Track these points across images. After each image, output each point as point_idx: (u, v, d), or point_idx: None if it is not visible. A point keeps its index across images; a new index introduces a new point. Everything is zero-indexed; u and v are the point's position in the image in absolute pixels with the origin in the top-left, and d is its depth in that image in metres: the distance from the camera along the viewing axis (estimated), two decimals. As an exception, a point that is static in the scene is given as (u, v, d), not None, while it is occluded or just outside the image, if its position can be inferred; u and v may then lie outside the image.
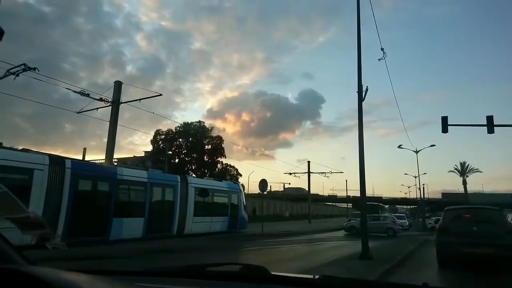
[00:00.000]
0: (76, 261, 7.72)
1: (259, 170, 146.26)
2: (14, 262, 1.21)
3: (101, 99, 17.44)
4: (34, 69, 15.21)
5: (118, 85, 18.24)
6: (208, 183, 20.39)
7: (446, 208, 11.36)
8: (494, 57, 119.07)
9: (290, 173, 43.20)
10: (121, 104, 18.52)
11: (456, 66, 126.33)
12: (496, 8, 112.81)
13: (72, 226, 12.41)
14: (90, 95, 16.90)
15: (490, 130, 19.89)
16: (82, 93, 16.51)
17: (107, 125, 18.19)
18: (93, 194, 14.13)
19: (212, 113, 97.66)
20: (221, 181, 22.57)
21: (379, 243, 15.78)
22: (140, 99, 18.50)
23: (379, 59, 13.44)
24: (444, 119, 20.91)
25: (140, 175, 16.06)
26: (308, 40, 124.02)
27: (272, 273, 1.66)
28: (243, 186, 28.87)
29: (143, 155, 44.01)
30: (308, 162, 42.24)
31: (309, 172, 41.54)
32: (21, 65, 15.15)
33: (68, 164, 13.01)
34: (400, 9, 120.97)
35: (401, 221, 30.52)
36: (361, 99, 11.16)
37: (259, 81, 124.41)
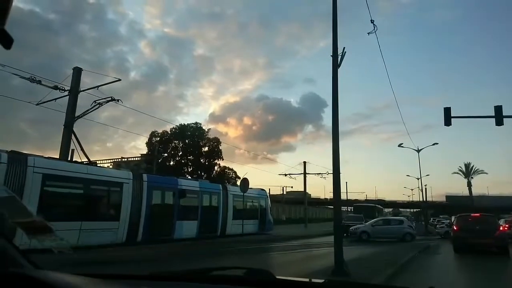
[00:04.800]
0: (84, 265, 7.30)
1: (261, 174, 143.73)
2: (20, 267, 1.21)
3: (56, 87, 14.95)
4: (118, 100, 16.87)
5: (77, 72, 15.80)
6: None
7: (459, 215, 17.63)
8: (497, 59, 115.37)
9: (285, 174, 40.56)
10: (123, 108, 16.29)
11: (458, 69, 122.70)
12: (495, 10, 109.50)
13: (150, 227, 14.88)
14: (42, 82, 14.34)
15: (499, 122, 17.38)
16: (32, 80, 14.01)
17: (111, 130, 16.52)
18: (163, 201, 16.68)
19: (214, 118, 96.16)
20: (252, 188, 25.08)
21: (370, 250, 13.20)
22: (98, 86, 16.19)
23: (368, 33, 11.14)
24: (447, 111, 18.42)
25: (194, 184, 18.60)
26: (310, 45, 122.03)
27: (277, 277, 1.63)
28: None
29: (139, 157, 41.41)
30: (304, 162, 39.92)
31: (305, 173, 38.79)
32: (108, 97, 16.68)
33: (145, 177, 15.53)
34: (401, 15, 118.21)
35: None
36: (336, 64, 8.56)
37: (261, 86, 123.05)
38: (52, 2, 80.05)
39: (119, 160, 35.35)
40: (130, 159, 36.60)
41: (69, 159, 15.59)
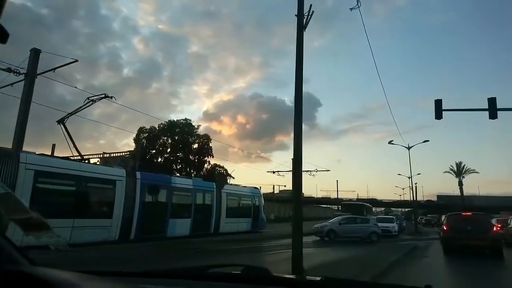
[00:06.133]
0: (81, 263, 6.66)
1: (254, 172, 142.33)
2: (17, 263, 1.18)
3: (9, 70, 13.24)
4: (111, 97, 16.07)
5: (34, 53, 14.15)
6: (236, 189, 22.77)
7: (449, 214, 16.15)
8: (495, 60, 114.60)
9: (273, 172, 38.99)
10: (116, 105, 15.01)
11: (456, 71, 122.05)
12: (492, 11, 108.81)
13: (143, 224, 14.72)
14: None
15: (493, 115, 16.34)
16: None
17: (104, 127, 15.12)
18: (156, 198, 16.41)
19: (208, 116, 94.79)
20: (246, 187, 24.70)
21: (347, 254, 11.71)
22: (54, 69, 14.53)
23: (351, 9, 10.26)
24: (438, 103, 17.09)
25: (188, 182, 18.45)
26: (305, 45, 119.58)
27: (274, 274, 1.60)
28: None
29: (124, 152, 39.53)
30: (292, 159, 37.63)
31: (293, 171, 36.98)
32: (102, 94, 15.96)
33: (138, 175, 15.37)
34: (395, 17, 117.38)
35: (388, 224, 24.52)
36: (301, 25, 7.11)
37: (255, 84, 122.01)
38: (44, -4, 78.10)
39: (101, 155, 33.67)
40: (112, 155, 34.92)
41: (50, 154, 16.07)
